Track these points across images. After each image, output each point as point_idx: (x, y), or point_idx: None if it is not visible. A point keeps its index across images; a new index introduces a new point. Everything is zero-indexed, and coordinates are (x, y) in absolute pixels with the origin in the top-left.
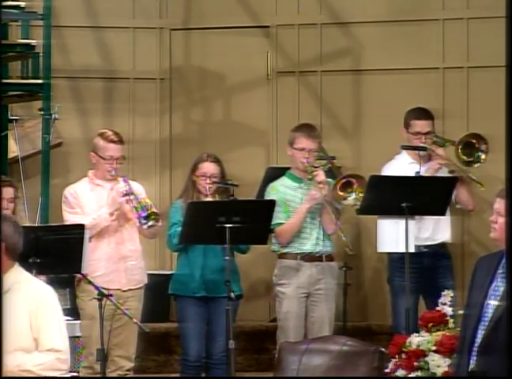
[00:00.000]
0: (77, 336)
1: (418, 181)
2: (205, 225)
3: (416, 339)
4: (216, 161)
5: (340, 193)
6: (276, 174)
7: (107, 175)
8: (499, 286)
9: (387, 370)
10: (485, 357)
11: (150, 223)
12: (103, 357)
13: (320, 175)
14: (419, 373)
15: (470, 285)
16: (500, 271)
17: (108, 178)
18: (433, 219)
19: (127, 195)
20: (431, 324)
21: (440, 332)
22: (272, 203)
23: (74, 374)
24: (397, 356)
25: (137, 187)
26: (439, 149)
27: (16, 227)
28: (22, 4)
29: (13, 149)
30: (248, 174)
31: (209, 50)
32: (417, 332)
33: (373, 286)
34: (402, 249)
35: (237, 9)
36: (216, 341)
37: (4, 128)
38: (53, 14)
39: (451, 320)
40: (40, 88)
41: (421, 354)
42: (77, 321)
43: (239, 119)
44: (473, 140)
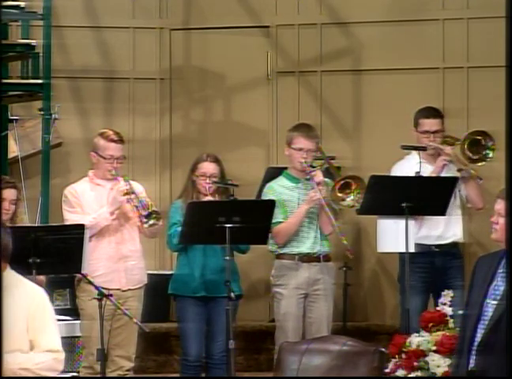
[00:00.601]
0: (77, 336)
1: (418, 181)
2: (205, 225)
3: (416, 339)
4: (216, 161)
5: (339, 194)
6: (276, 174)
7: (108, 175)
8: (499, 285)
9: (387, 370)
10: (485, 356)
11: (151, 222)
12: (103, 357)
13: (318, 176)
14: (419, 373)
15: (470, 284)
16: (500, 270)
17: (109, 178)
18: (443, 218)
19: (128, 194)
20: (431, 324)
21: (440, 332)
22: (273, 203)
23: (74, 374)
24: (397, 356)
25: (138, 187)
26: (447, 148)
27: (5, 229)
28: (22, 4)
29: (13, 149)
30: (248, 174)
31: (209, 50)
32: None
33: (373, 286)
34: (402, 249)
35: (237, 9)
36: (216, 341)
37: (4, 128)
38: (53, 14)
39: (451, 320)
40: (40, 88)
41: (421, 354)
42: (77, 321)
43: (239, 119)
44: (479, 137)
